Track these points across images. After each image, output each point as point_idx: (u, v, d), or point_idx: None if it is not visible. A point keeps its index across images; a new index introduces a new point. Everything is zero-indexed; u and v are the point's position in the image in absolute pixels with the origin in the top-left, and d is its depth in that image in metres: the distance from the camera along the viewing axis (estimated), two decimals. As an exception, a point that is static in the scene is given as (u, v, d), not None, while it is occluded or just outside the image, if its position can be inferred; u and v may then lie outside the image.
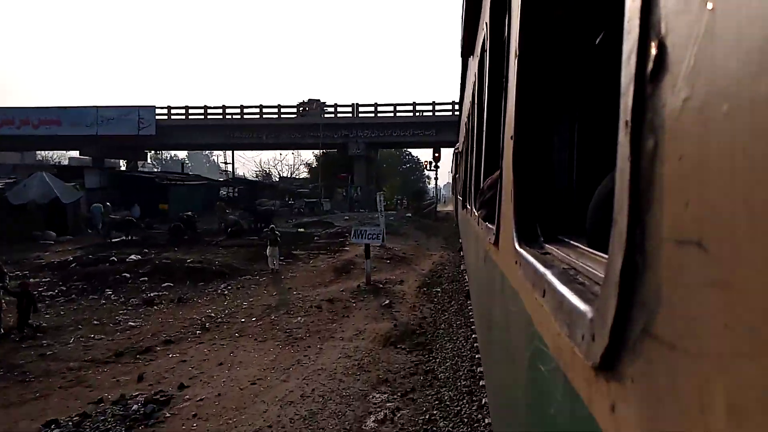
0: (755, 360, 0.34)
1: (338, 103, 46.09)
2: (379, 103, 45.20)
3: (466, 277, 9.71)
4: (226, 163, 55.92)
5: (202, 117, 44.84)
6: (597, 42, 1.83)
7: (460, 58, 6.76)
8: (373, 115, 43.87)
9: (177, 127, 43.99)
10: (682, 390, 0.43)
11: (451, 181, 43.28)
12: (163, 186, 33.03)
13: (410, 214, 31.27)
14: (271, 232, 15.10)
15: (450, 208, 39.62)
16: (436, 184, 42.94)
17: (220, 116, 44.75)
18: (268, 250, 14.80)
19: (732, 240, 0.37)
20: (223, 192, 40.38)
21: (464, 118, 8.33)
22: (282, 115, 44.39)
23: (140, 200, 28.73)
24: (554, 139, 1.54)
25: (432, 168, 37.14)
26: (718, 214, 0.39)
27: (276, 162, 71.83)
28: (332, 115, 44.45)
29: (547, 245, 1.34)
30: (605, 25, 1.77)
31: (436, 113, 42.21)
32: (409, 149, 71.26)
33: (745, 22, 0.36)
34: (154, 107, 43.49)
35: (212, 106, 45.22)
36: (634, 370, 0.54)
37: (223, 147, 51.79)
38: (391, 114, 43.54)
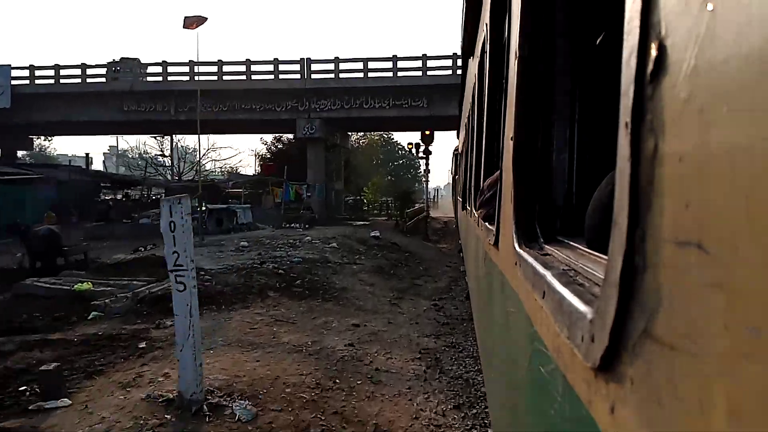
0: (756, 361, 0.34)
1: (280, 59, 27.81)
2: (341, 58, 27.59)
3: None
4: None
5: (80, 81, 29.17)
6: (597, 43, 1.83)
7: (461, 59, 6.77)
8: (332, 76, 27.33)
9: (44, 96, 28.63)
10: (683, 391, 0.43)
11: (451, 182, 32.62)
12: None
13: (378, 233, 18.24)
14: None
15: (451, 214, 27.34)
16: (426, 180, 27.87)
17: (105, 79, 29.36)
18: None
19: (732, 241, 0.37)
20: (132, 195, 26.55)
21: (464, 119, 8.33)
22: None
23: None
24: (554, 140, 1.54)
25: (421, 155, 24.09)
26: (719, 215, 0.39)
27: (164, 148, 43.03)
28: (271, 77, 27.70)
29: (546, 246, 1.33)
30: (606, 26, 1.77)
31: (428, 73, 26.52)
32: (393, 131, 47.92)
33: (746, 23, 0.36)
34: (10, 66, 28.76)
35: (95, 64, 29.82)
36: (633, 371, 0.53)
37: (112, 127, 33.60)
38: (361, 75, 27.13)
